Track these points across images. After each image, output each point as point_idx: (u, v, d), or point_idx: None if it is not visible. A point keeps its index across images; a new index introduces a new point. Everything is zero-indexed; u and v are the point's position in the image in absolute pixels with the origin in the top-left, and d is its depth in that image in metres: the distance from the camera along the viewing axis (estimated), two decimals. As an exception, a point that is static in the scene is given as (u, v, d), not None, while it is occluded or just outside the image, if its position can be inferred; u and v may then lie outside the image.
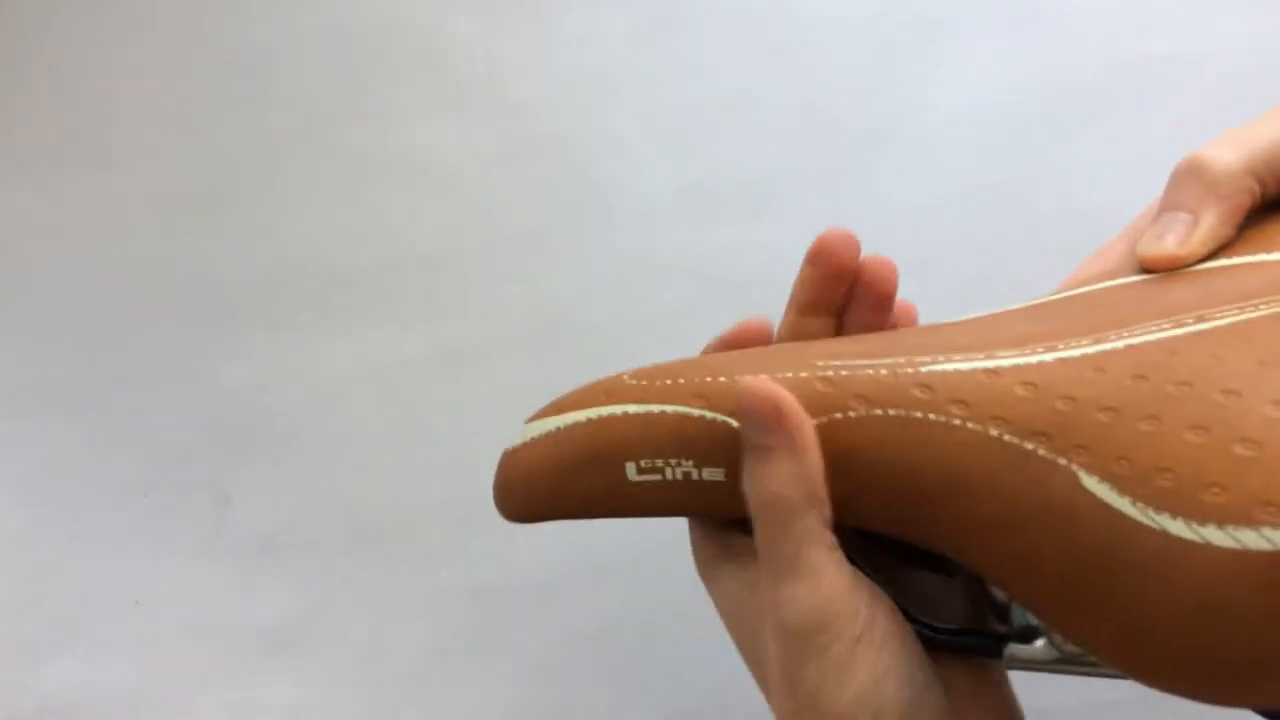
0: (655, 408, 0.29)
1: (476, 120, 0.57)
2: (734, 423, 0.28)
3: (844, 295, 0.31)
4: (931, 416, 0.26)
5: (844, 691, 0.25)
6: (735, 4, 0.56)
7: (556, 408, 0.32)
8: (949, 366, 0.26)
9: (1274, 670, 0.21)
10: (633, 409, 0.30)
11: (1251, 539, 0.20)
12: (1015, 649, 0.28)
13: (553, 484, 0.31)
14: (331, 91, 0.57)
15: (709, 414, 0.29)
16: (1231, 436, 0.21)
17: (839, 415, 0.27)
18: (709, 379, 0.29)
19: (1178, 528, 0.21)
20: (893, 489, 0.26)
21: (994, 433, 0.24)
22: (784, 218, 0.56)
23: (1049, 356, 0.25)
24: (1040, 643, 0.28)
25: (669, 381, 0.30)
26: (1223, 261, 0.26)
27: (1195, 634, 0.21)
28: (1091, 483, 0.22)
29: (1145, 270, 0.27)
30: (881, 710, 0.26)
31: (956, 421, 0.25)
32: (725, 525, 0.31)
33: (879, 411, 0.26)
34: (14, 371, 0.58)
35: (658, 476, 0.29)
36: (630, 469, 0.29)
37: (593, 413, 0.30)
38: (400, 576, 0.54)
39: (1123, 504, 0.22)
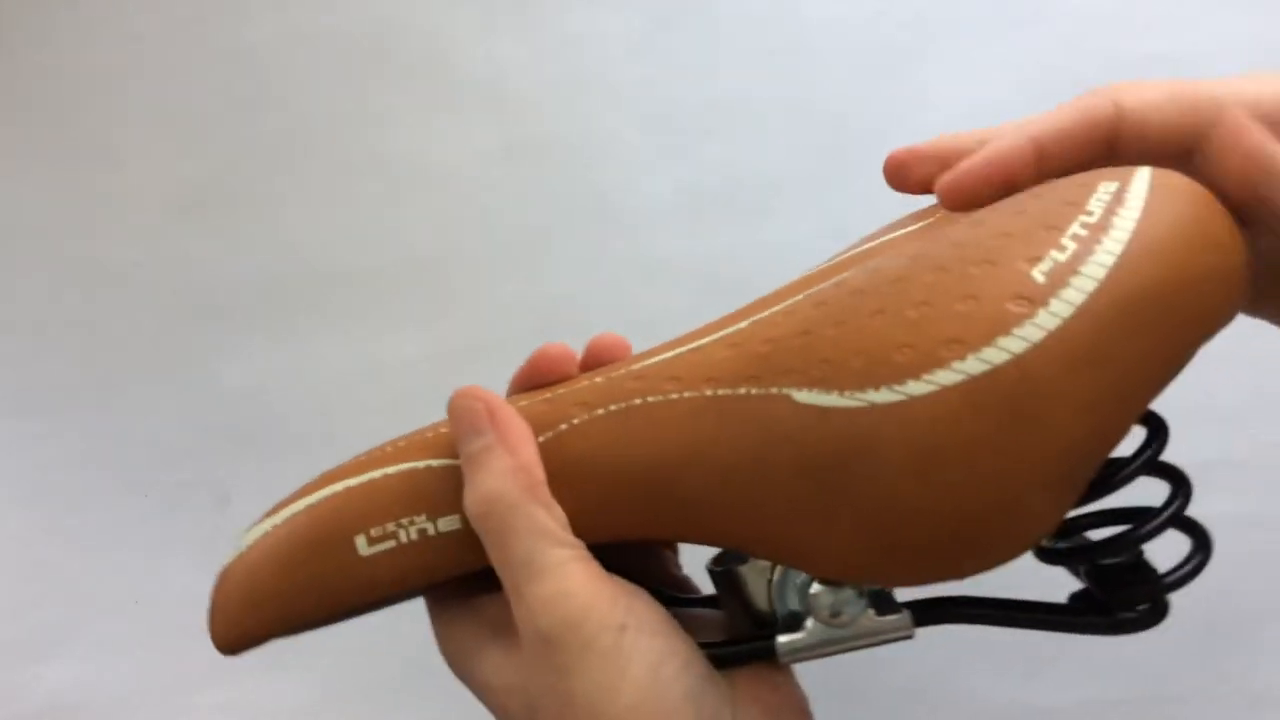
0: (378, 473, 0.29)
1: (476, 120, 0.57)
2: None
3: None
4: (650, 399, 0.27)
5: (622, 688, 0.24)
6: (735, 4, 0.56)
7: (271, 509, 0.30)
8: (659, 359, 0.28)
9: (1003, 502, 0.23)
10: (354, 481, 0.29)
11: (945, 376, 0.22)
12: (786, 642, 0.28)
13: (277, 584, 0.29)
14: (331, 91, 0.57)
15: (436, 462, 0.28)
16: (905, 304, 0.23)
17: (563, 426, 0.28)
18: (430, 434, 0.29)
19: (882, 395, 0.23)
20: (628, 484, 0.27)
21: (708, 392, 0.26)
22: (784, 218, 0.56)
23: (744, 324, 0.27)
24: (809, 623, 0.28)
25: (388, 448, 0.29)
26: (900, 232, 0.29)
27: (922, 492, 0.23)
28: (803, 395, 0.24)
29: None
30: (666, 700, 0.24)
31: (674, 395, 0.26)
32: (474, 603, 0.29)
33: (600, 411, 0.27)
34: (14, 371, 0.58)
35: (392, 543, 0.28)
36: (360, 542, 0.28)
37: (311, 499, 0.29)
38: (400, 576, 0.54)
39: (832, 399, 0.23)
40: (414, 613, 0.31)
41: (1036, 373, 0.22)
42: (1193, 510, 0.26)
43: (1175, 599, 0.26)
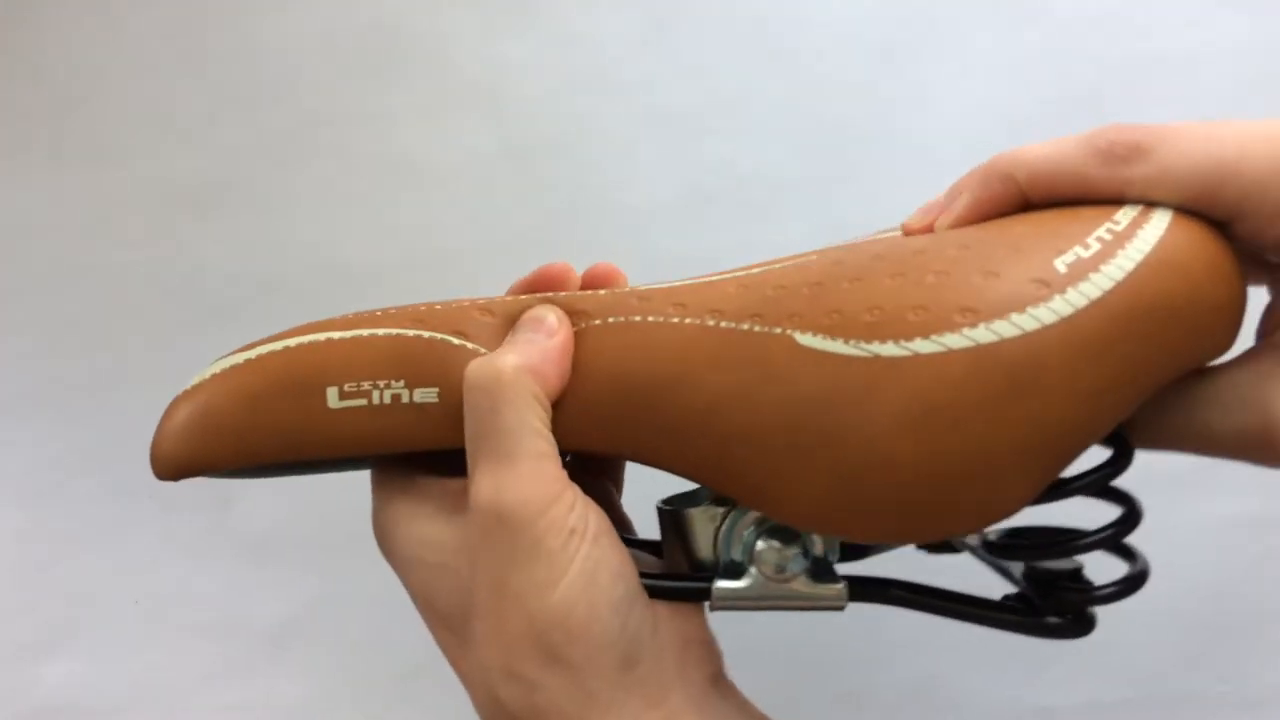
0: (365, 331, 0.29)
1: (476, 120, 0.57)
2: (454, 340, 0.28)
3: None
4: (651, 319, 0.27)
5: (555, 587, 0.25)
6: (735, 4, 0.56)
7: (243, 347, 0.30)
8: (665, 284, 0.29)
9: (983, 469, 0.23)
10: (338, 335, 0.29)
11: (954, 340, 0.23)
12: (723, 587, 0.28)
13: (238, 417, 0.28)
14: (331, 91, 0.57)
15: (426, 333, 0.29)
16: (924, 271, 0.24)
17: None
18: (423, 309, 0.30)
19: (888, 349, 0.24)
20: (614, 396, 0.27)
21: (711, 323, 0.27)
22: (784, 218, 0.56)
23: (756, 270, 0.28)
24: (752, 571, 0.28)
25: (378, 313, 0.30)
26: None
27: (907, 447, 0.23)
28: (806, 339, 0.25)
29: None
30: (594, 603, 0.25)
31: (675, 319, 0.27)
32: (420, 481, 0.30)
33: (599, 321, 0.28)
34: (14, 371, 0.58)
35: (363, 401, 0.28)
36: (332, 394, 0.28)
37: (290, 342, 0.29)
38: (400, 576, 0.54)
39: (836, 346, 0.24)
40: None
41: (1042, 352, 0.22)
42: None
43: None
